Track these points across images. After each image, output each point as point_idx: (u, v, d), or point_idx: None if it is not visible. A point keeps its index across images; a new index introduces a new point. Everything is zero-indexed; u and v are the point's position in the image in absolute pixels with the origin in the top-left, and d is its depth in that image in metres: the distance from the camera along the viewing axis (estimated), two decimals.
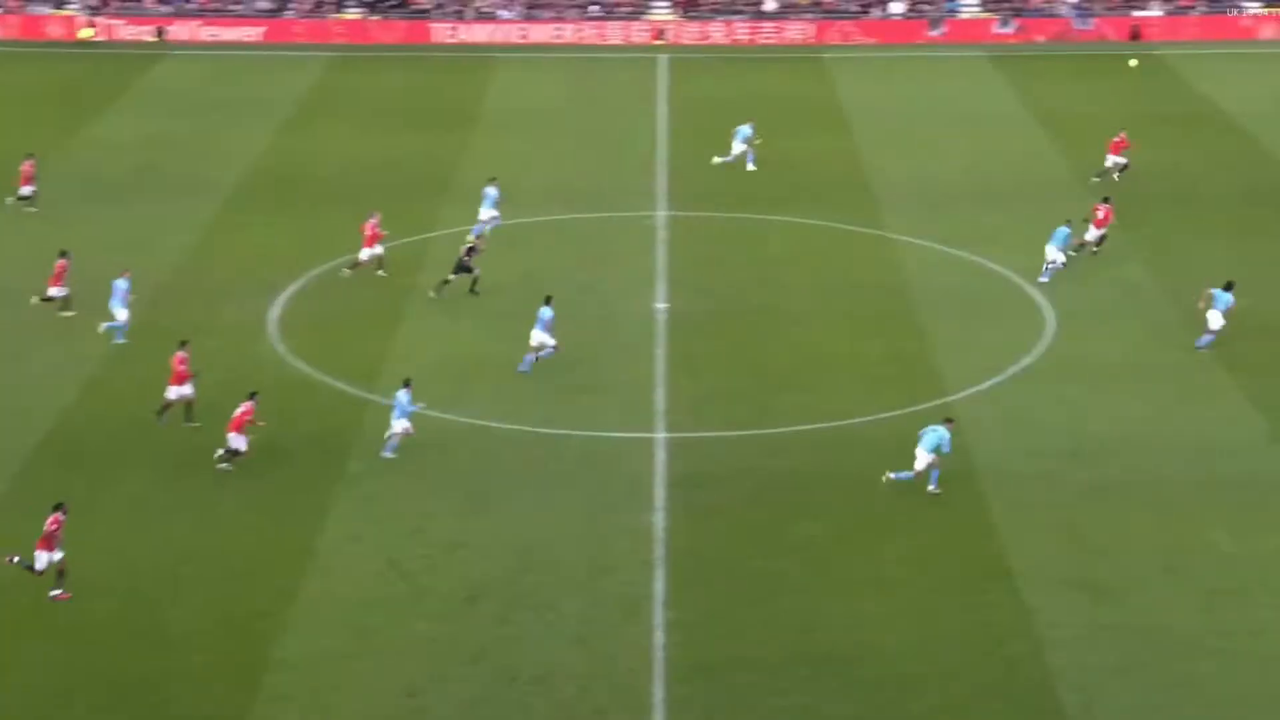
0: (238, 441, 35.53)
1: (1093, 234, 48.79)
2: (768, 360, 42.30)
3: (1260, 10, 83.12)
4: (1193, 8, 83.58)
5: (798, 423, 38.52)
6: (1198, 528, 33.61)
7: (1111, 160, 56.92)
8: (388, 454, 36.44)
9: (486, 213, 51.03)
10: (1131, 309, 45.61)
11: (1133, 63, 63.95)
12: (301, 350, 42.87)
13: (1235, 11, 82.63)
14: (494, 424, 38.32)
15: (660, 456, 37.07)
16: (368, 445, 37.15)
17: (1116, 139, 57.26)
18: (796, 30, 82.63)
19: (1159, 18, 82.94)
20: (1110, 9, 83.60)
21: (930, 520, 34.07)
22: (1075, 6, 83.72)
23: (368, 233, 47.61)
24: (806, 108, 69.29)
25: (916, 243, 51.22)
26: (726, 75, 75.98)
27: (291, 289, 47.44)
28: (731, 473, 36.28)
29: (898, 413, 38.95)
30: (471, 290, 45.89)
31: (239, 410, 35.66)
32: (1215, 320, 42.18)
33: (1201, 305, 42.57)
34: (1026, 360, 42.08)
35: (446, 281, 45.97)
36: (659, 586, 31.70)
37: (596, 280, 47.49)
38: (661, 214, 54.58)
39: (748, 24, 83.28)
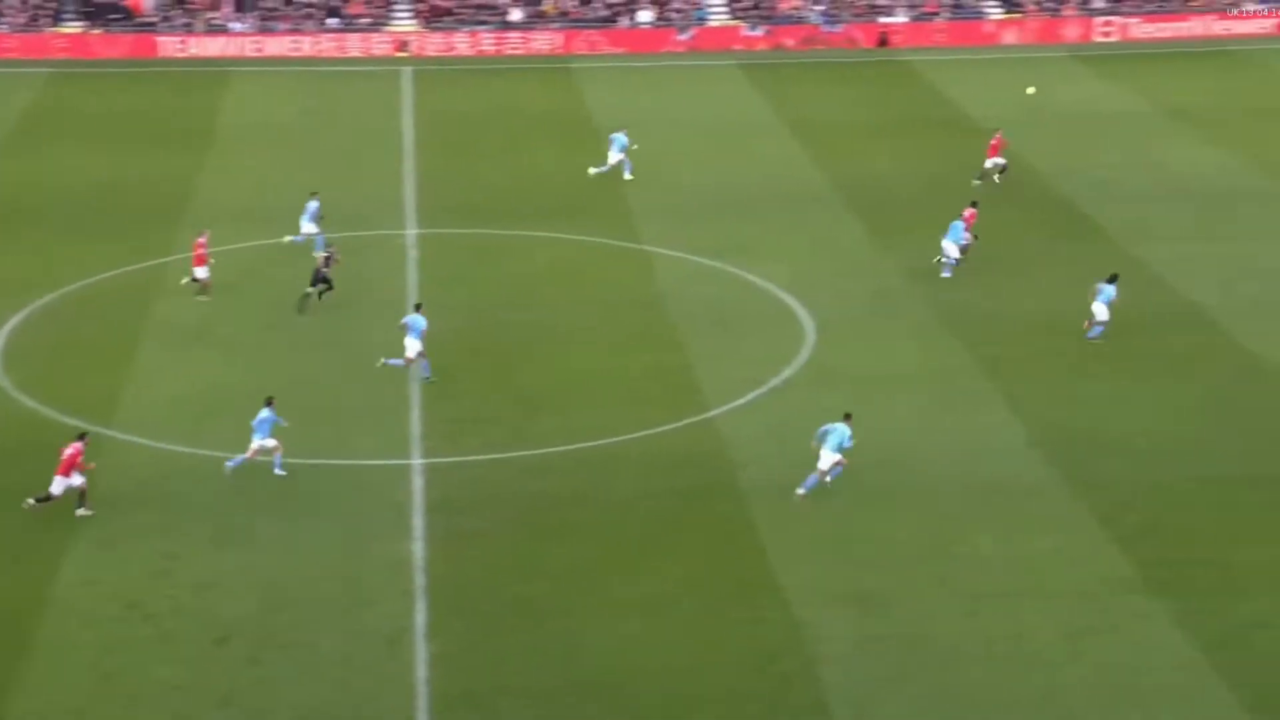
0: (63, 485, 34.27)
1: (965, 236, 50.75)
2: (526, 380, 42.29)
3: (1002, 16, 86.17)
4: (937, 14, 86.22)
5: (558, 443, 38.58)
6: (963, 534, 34.56)
7: (990, 162, 59.12)
8: (229, 466, 36.38)
9: (306, 226, 50.80)
10: (888, 315, 46.75)
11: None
12: (28, 385, 41.47)
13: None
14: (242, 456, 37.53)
15: (417, 483, 36.76)
16: (106, 483, 36.07)
17: (994, 140, 59.40)
18: (544, 40, 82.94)
19: (905, 24, 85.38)
20: (858, 15, 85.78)
21: (697, 538, 34.41)
22: (823, 13, 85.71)
23: (197, 251, 46.97)
24: (556, 120, 69.59)
25: (673, 255, 51.78)
26: (473, 87, 75.90)
27: (14, 320, 45.89)
28: (492, 497, 36.16)
29: (660, 429, 39.29)
30: (319, 296, 46.10)
31: (67, 451, 34.44)
32: (1100, 312, 44.42)
33: (1090, 298, 44.80)
34: (787, 371, 42.82)
35: (307, 295, 46.02)
36: (420, 618, 31.41)
37: (345, 302, 46.90)
38: (411, 232, 54.22)
39: (493, 34, 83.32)
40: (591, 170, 59.49)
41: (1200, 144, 64.76)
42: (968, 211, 50.75)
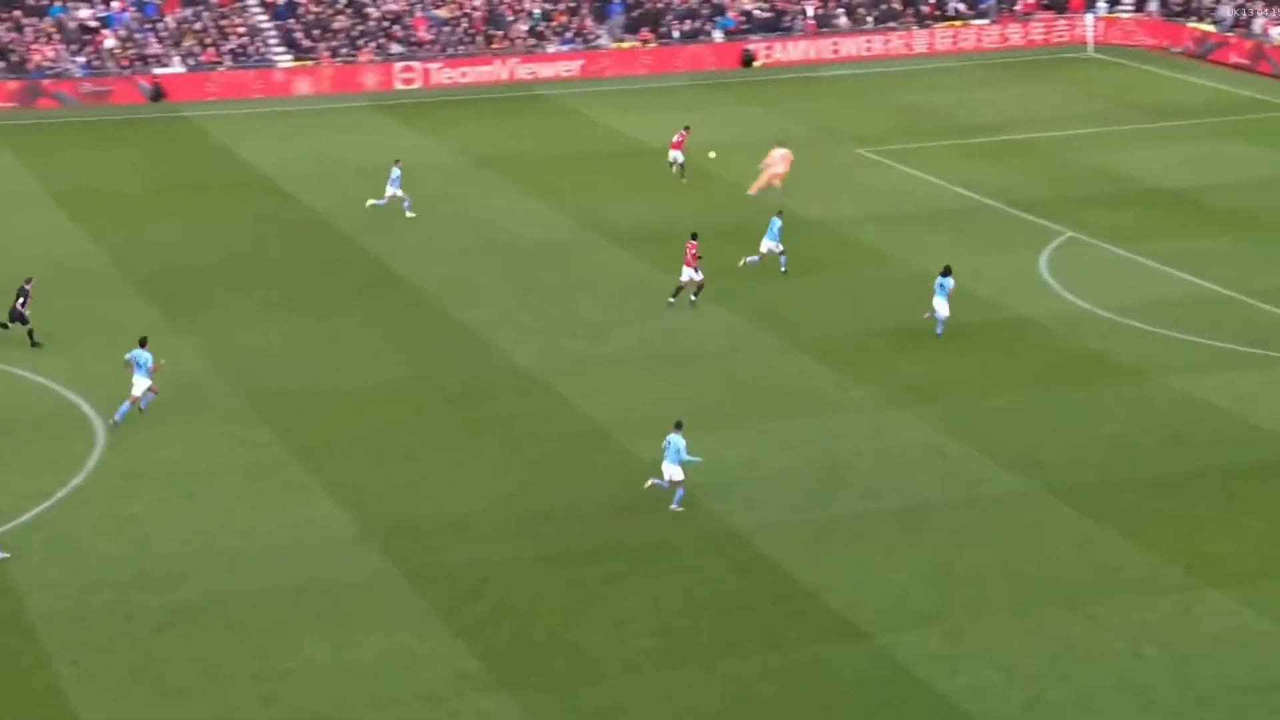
0: None
1: (687, 274, 52.98)
2: None
3: (292, 64, 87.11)
4: (219, 63, 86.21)
5: None
6: (290, 646, 34.42)
7: (673, 155, 67.21)
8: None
9: None
10: (188, 406, 46.13)
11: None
12: None
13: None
14: None
15: None
16: None
17: (678, 137, 67.42)
18: None
19: (182, 74, 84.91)
20: (125, 68, 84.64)
21: None
22: (86, 65, 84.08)
23: None
24: None
25: None
26: None
27: None
28: None
29: None
30: (33, 343, 49.13)
31: None
32: (942, 308, 50.47)
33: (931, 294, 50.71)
34: (76, 479, 41.58)
35: (4, 326, 48.80)
36: None
37: None
38: None
39: None
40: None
41: (513, 195, 67.52)
42: (690, 249, 53.11)
